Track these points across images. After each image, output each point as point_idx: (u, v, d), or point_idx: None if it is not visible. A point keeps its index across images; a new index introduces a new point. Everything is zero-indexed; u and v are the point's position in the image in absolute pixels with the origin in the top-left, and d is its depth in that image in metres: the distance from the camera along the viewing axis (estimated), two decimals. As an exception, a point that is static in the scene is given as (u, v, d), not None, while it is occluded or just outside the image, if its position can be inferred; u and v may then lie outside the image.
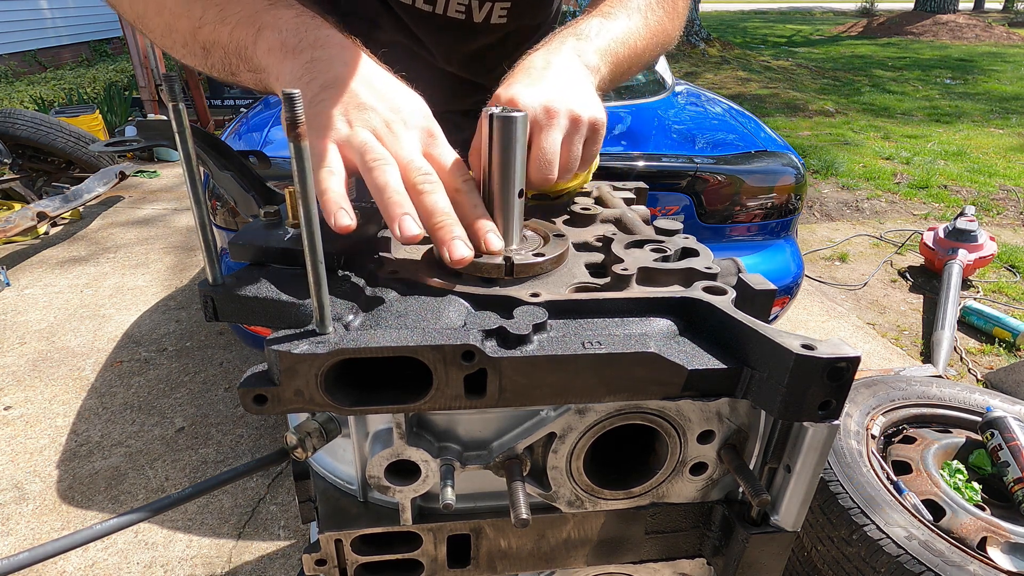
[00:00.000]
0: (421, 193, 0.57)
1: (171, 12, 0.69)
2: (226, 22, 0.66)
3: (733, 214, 2.36)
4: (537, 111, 0.66)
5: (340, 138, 0.58)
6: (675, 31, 0.94)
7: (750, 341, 0.49)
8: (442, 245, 0.56)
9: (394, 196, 0.54)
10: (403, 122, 0.61)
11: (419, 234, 0.53)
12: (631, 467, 0.60)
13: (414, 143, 0.61)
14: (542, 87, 0.68)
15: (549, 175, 0.66)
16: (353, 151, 0.58)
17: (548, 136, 0.66)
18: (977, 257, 3.64)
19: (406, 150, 0.59)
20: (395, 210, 0.54)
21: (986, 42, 15.34)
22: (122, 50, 11.22)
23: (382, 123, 0.60)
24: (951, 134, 7.23)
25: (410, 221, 0.53)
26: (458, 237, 0.56)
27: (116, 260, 3.92)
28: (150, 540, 2.02)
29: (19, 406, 2.61)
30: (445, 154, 0.62)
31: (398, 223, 0.53)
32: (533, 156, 0.65)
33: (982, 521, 1.48)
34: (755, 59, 12.05)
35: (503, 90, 0.69)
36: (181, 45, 0.70)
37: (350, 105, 0.60)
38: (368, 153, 0.57)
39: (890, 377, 1.99)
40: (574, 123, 0.68)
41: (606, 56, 0.79)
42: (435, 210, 0.56)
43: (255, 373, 0.47)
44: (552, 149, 0.66)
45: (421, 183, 0.57)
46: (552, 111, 0.66)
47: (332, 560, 0.58)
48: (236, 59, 0.67)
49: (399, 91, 0.64)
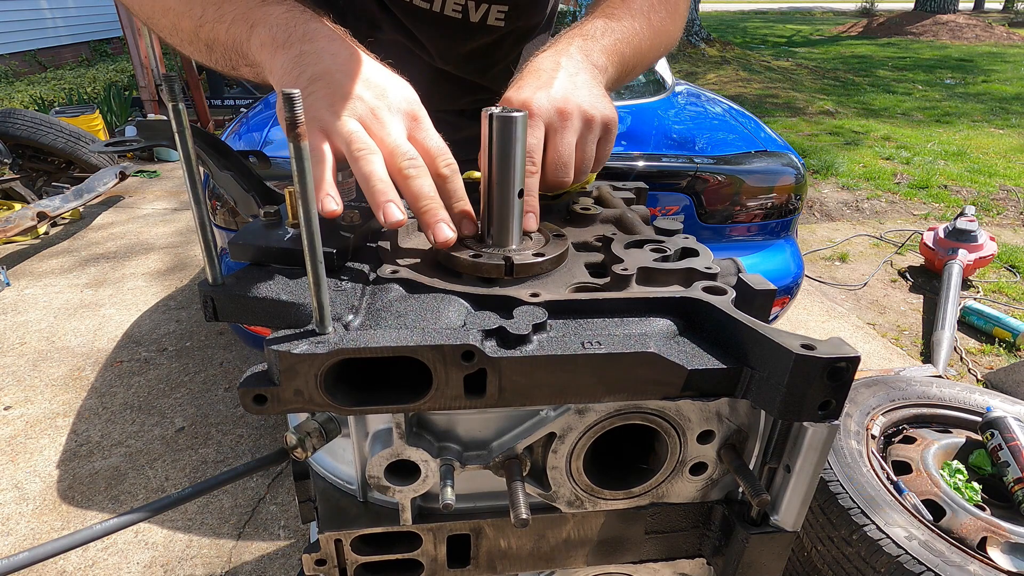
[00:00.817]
0: (407, 178, 0.59)
1: (175, 12, 0.72)
2: (223, 20, 0.68)
3: (733, 214, 2.36)
4: (550, 113, 0.66)
5: (328, 128, 0.60)
6: (677, 31, 0.95)
7: (750, 341, 0.48)
8: (427, 228, 0.58)
9: (378, 184, 0.57)
10: (388, 108, 0.62)
11: (403, 219, 0.56)
12: (631, 467, 0.60)
13: (399, 128, 0.62)
14: (553, 89, 0.69)
15: (565, 178, 0.67)
16: (340, 140, 0.59)
17: (563, 138, 0.67)
18: (977, 257, 3.64)
19: (392, 136, 0.60)
20: (379, 197, 0.56)
21: (986, 42, 15.33)
22: (122, 50, 11.22)
23: (368, 111, 0.61)
24: (951, 134, 7.23)
25: (394, 208, 0.56)
26: (443, 220, 0.58)
27: (116, 260, 3.92)
28: (150, 540, 2.02)
29: (19, 406, 2.61)
30: (429, 138, 0.64)
31: (382, 210, 0.56)
32: (548, 159, 0.66)
33: (982, 521, 1.48)
34: (755, 59, 12.05)
35: (514, 93, 0.70)
36: (187, 43, 0.74)
37: (337, 95, 0.61)
38: (354, 143, 0.58)
39: (890, 377, 1.99)
40: (587, 123, 0.69)
41: (612, 55, 0.80)
42: (420, 194, 0.59)
43: (255, 373, 0.47)
44: (567, 151, 0.67)
45: (407, 168, 0.59)
46: (565, 112, 0.67)
47: (332, 560, 0.58)
48: (235, 55, 0.69)
49: (384, 77, 0.65)
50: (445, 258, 0.61)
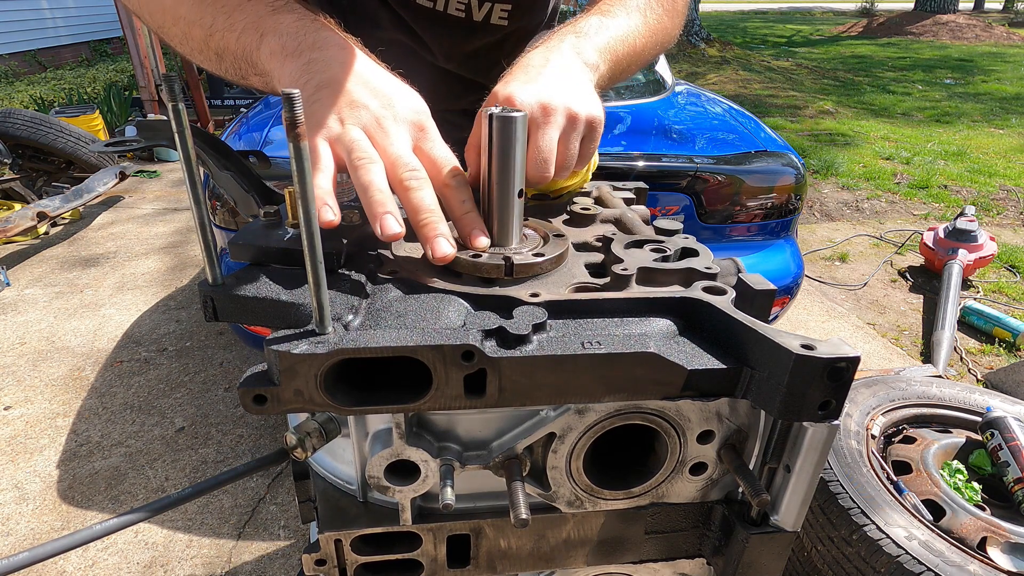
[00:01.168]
0: (407, 190, 0.58)
1: (186, 21, 0.72)
2: (233, 29, 0.68)
3: (733, 214, 2.36)
4: (534, 109, 0.66)
5: (332, 136, 0.59)
6: (675, 29, 0.94)
7: (750, 341, 0.48)
8: (426, 242, 0.57)
9: (376, 195, 0.56)
10: (394, 117, 0.62)
11: (400, 232, 0.55)
12: (631, 467, 0.60)
13: (404, 139, 0.61)
14: (539, 85, 0.68)
15: (546, 173, 0.66)
16: (343, 148, 0.59)
17: (545, 134, 0.66)
18: (977, 257, 3.64)
19: (394, 146, 0.60)
20: (376, 209, 0.55)
21: (986, 42, 15.33)
22: (122, 50, 11.22)
23: (373, 120, 0.61)
24: (951, 134, 7.23)
25: (391, 220, 0.55)
26: (441, 235, 0.57)
27: (116, 260, 3.92)
28: (150, 540, 2.02)
29: (19, 406, 2.61)
30: (436, 149, 0.63)
31: (379, 222, 0.55)
32: (530, 154, 0.66)
33: (982, 521, 1.48)
34: (755, 59, 12.05)
35: (501, 87, 0.69)
36: (198, 52, 0.73)
37: (343, 103, 0.61)
38: (354, 152, 0.58)
39: (890, 377, 1.99)
40: (571, 121, 0.68)
41: (605, 54, 0.79)
42: (420, 207, 0.57)
43: (255, 373, 0.47)
44: (548, 147, 0.66)
45: (407, 179, 0.58)
46: (549, 109, 0.67)
47: (332, 560, 0.58)
48: (244, 64, 0.69)
49: (393, 87, 0.64)
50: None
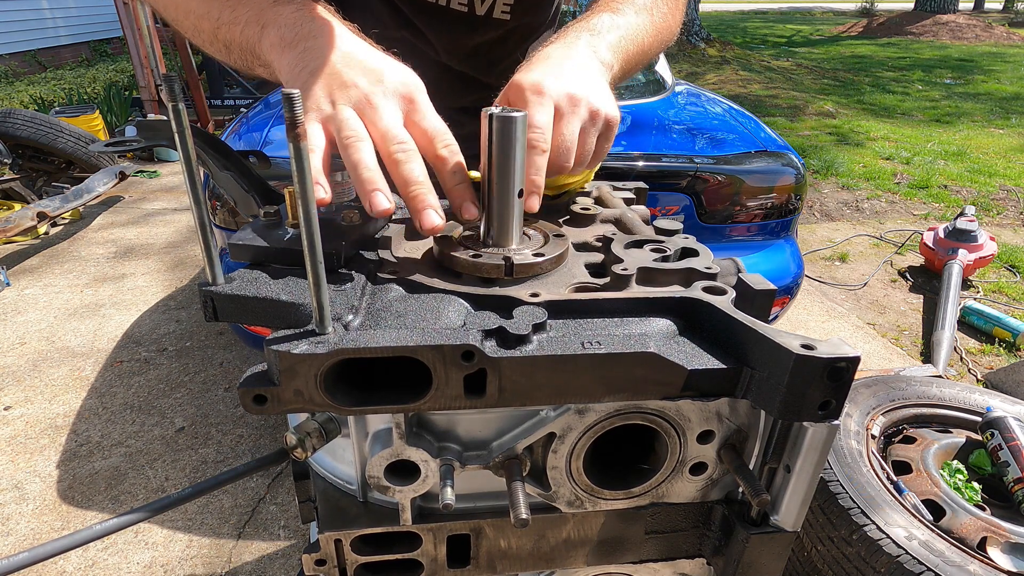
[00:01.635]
0: (396, 163, 0.58)
1: (196, 15, 0.74)
2: (237, 22, 0.70)
3: (733, 214, 2.36)
4: (560, 98, 0.67)
5: (324, 117, 0.60)
6: (677, 26, 0.96)
7: (750, 341, 0.48)
8: (414, 214, 0.58)
9: (364, 173, 0.56)
10: (383, 92, 0.62)
11: (389, 208, 0.55)
12: (631, 467, 0.60)
13: (393, 112, 0.61)
14: (565, 77, 0.69)
15: (566, 163, 0.67)
16: (334, 129, 0.59)
17: (569, 124, 0.67)
18: (977, 257, 3.64)
19: (383, 121, 0.60)
20: (366, 186, 0.56)
21: (986, 42, 15.33)
22: (122, 50, 11.21)
23: (362, 97, 0.61)
24: (951, 134, 7.23)
25: (380, 197, 0.55)
26: (430, 206, 0.57)
27: (116, 260, 3.92)
28: (150, 540, 2.02)
29: (19, 406, 2.61)
30: (426, 120, 0.63)
31: (368, 199, 0.55)
32: (554, 142, 0.66)
33: (982, 521, 1.48)
34: (755, 59, 12.05)
35: (523, 76, 0.70)
36: (208, 44, 0.76)
37: (334, 85, 0.62)
38: (343, 131, 0.58)
39: (890, 377, 1.99)
40: (592, 116, 0.69)
41: (618, 53, 0.81)
42: (409, 179, 0.58)
43: (255, 373, 0.47)
44: (572, 137, 0.67)
45: (395, 152, 0.58)
46: (575, 99, 0.67)
47: (332, 560, 0.58)
48: (250, 56, 0.71)
49: (382, 63, 0.65)
50: (445, 258, 0.61)
